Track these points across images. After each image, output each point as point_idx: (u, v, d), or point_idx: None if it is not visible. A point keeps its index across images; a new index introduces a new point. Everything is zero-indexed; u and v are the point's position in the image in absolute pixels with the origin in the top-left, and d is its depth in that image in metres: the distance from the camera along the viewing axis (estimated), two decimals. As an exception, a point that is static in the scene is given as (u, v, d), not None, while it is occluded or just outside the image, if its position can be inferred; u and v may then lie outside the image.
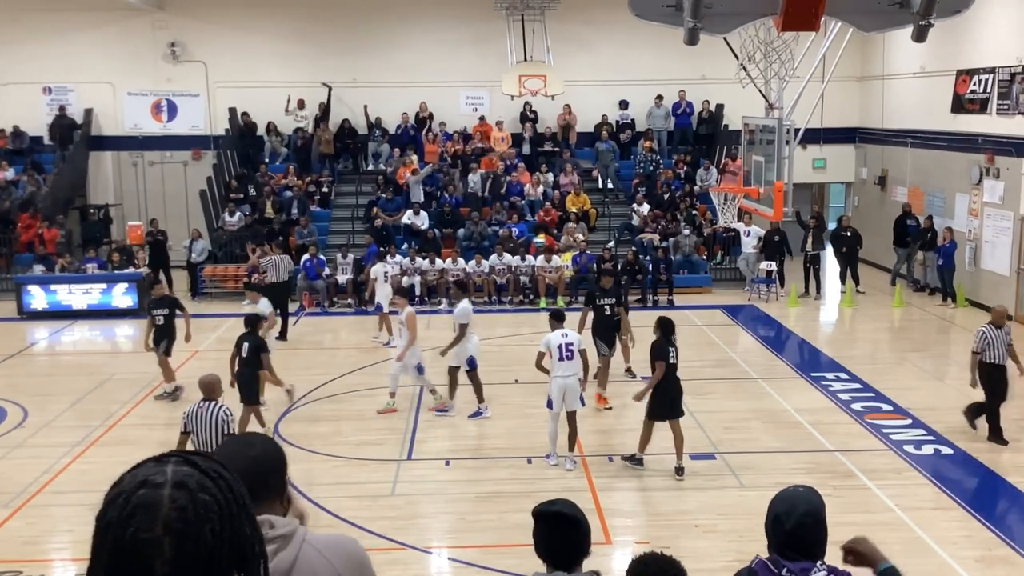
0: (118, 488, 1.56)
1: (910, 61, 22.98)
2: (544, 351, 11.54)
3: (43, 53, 25.51)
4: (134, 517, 1.50)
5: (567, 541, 3.90)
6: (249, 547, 1.60)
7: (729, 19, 11.18)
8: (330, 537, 2.42)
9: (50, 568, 9.19)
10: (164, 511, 1.50)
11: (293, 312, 19.16)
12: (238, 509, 1.58)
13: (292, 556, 2.25)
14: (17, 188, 24.05)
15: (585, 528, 3.95)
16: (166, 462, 1.59)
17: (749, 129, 14.28)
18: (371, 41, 25.88)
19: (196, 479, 1.56)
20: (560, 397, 11.32)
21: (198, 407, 8.90)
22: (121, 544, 1.50)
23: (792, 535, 3.54)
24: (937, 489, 10.79)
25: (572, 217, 23.19)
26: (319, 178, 24.77)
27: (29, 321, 20.07)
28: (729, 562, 8.79)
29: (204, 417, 8.74)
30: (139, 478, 1.55)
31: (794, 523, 3.54)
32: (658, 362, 11.04)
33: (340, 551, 2.38)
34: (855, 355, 17.00)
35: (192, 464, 1.59)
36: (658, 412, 11.13)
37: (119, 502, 1.53)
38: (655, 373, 11.10)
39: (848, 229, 22.37)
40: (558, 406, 11.36)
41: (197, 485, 1.55)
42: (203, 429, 8.70)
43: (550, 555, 3.92)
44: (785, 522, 3.55)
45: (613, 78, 25.80)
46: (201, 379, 9.23)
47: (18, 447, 12.37)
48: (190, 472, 1.57)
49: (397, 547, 9.34)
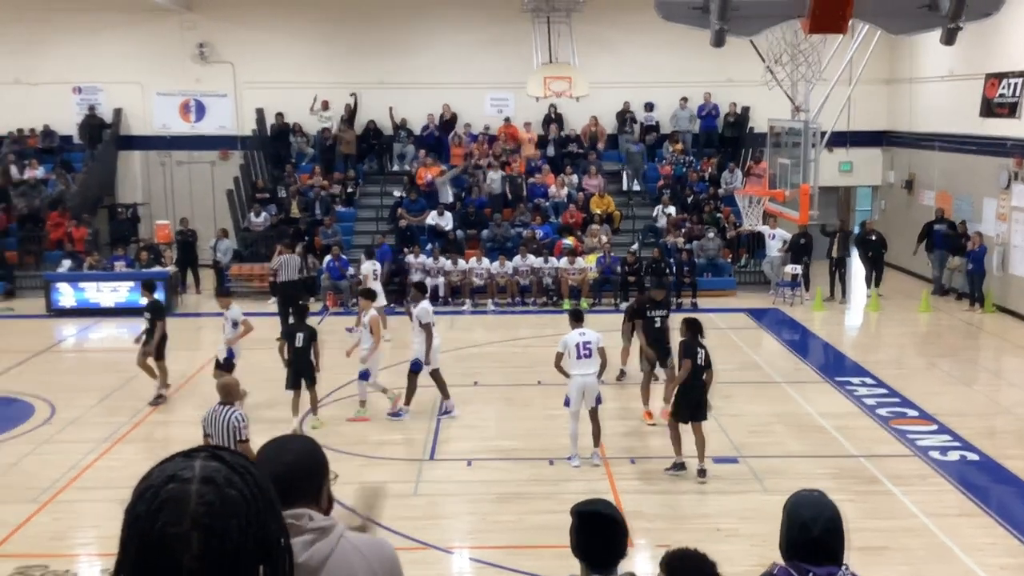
0: (147, 482, 1.58)
1: (938, 64, 22.79)
2: (562, 351, 11.53)
3: (73, 53, 25.79)
4: (162, 512, 1.52)
5: (606, 541, 3.86)
6: (274, 542, 1.62)
7: (756, 21, 11.15)
8: (369, 538, 2.46)
9: (76, 563, 9.28)
10: (192, 506, 1.52)
11: (317, 312, 19.26)
12: (264, 505, 1.60)
13: (328, 549, 2.28)
14: (47, 187, 24.33)
15: (624, 528, 3.91)
16: (195, 457, 1.61)
17: (775, 132, 14.24)
18: (397, 42, 25.96)
19: (223, 474, 1.57)
20: (579, 396, 11.32)
21: (213, 410, 8.83)
22: (149, 538, 1.52)
23: (819, 541, 3.52)
24: (962, 495, 10.69)
25: (596, 219, 23.17)
26: (344, 178, 24.90)
27: (57, 318, 20.28)
28: (751, 566, 8.75)
29: (218, 422, 8.66)
30: (167, 473, 1.57)
31: (821, 528, 3.51)
32: (685, 360, 11.02)
33: (377, 551, 2.42)
34: (881, 360, 16.88)
35: (220, 459, 1.61)
36: (683, 414, 11.11)
37: (147, 496, 1.55)
38: (680, 371, 11.08)
39: (873, 233, 22.21)
40: (576, 404, 11.37)
41: (224, 480, 1.57)
42: (216, 433, 8.64)
43: (587, 555, 3.87)
44: (812, 528, 3.52)
45: (638, 80, 25.75)
46: (219, 382, 9.20)
47: (45, 443, 12.51)
48: (218, 467, 1.59)
49: (419, 546, 9.36)
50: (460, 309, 20.85)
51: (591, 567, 3.85)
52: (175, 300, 21.09)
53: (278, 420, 13.11)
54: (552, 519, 9.83)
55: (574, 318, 11.92)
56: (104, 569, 8.84)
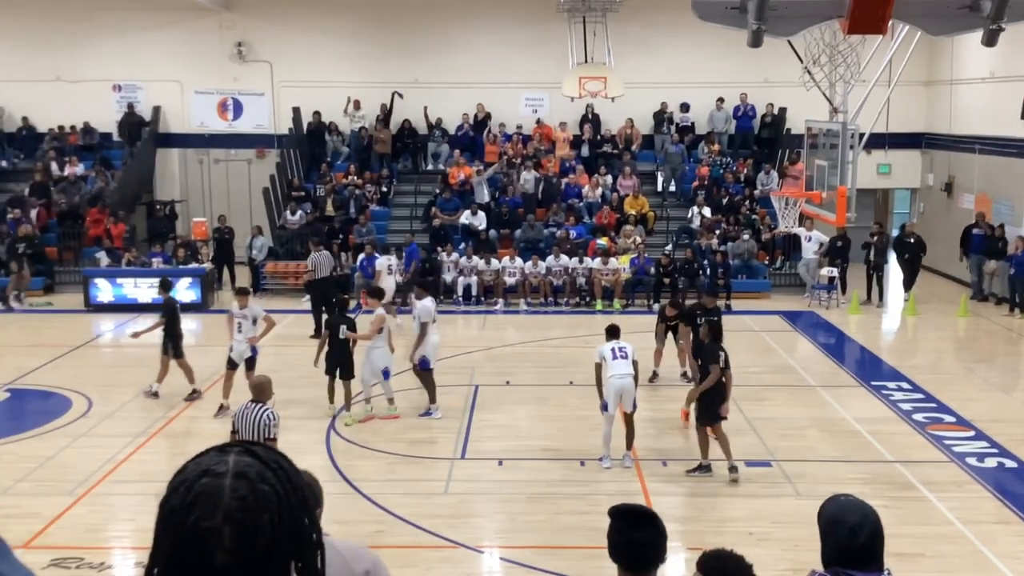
0: (181, 476, 1.59)
1: (979, 66, 22.49)
2: (599, 360, 11.52)
3: (113, 51, 26.13)
4: (195, 505, 1.53)
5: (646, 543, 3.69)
6: (307, 538, 1.62)
7: (794, 21, 11.05)
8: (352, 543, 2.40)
9: (111, 555, 9.39)
10: (225, 500, 1.53)
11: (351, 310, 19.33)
12: (297, 500, 1.60)
13: None
14: (87, 183, 24.65)
15: (664, 531, 3.74)
16: (229, 452, 1.61)
17: (812, 133, 14.11)
18: (433, 42, 26.04)
19: (257, 469, 1.58)
20: (616, 399, 11.29)
21: (245, 407, 8.82)
22: (182, 531, 1.53)
23: (866, 547, 3.46)
24: (999, 503, 10.54)
25: (631, 220, 23.10)
26: (378, 176, 25.00)
27: (95, 313, 20.53)
28: (783, 571, 8.69)
29: (248, 419, 8.64)
30: (202, 467, 1.58)
31: (868, 533, 3.45)
32: (712, 365, 10.98)
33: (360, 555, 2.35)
34: (917, 364, 16.69)
35: (253, 455, 1.61)
36: (708, 417, 11.06)
37: (181, 490, 1.56)
38: (710, 376, 11.03)
39: (912, 236, 21.95)
40: (613, 408, 11.34)
41: (257, 476, 1.57)
42: (246, 430, 8.61)
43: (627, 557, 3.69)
44: (860, 533, 3.45)
45: (674, 80, 25.64)
46: (251, 380, 9.19)
47: (82, 436, 12.66)
48: (251, 463, 1.59)
49: (448, 545, 9.38)
50: (493, 309, 20.87)
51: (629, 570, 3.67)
52: (211, 297, 21.28)
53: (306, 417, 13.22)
54: (582, 520, 9.83)
55: (610, 334, 11.88)
56: (138, 562, 8.94)
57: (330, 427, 12.91)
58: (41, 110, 26.26)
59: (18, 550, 7.30)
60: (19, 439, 12.61)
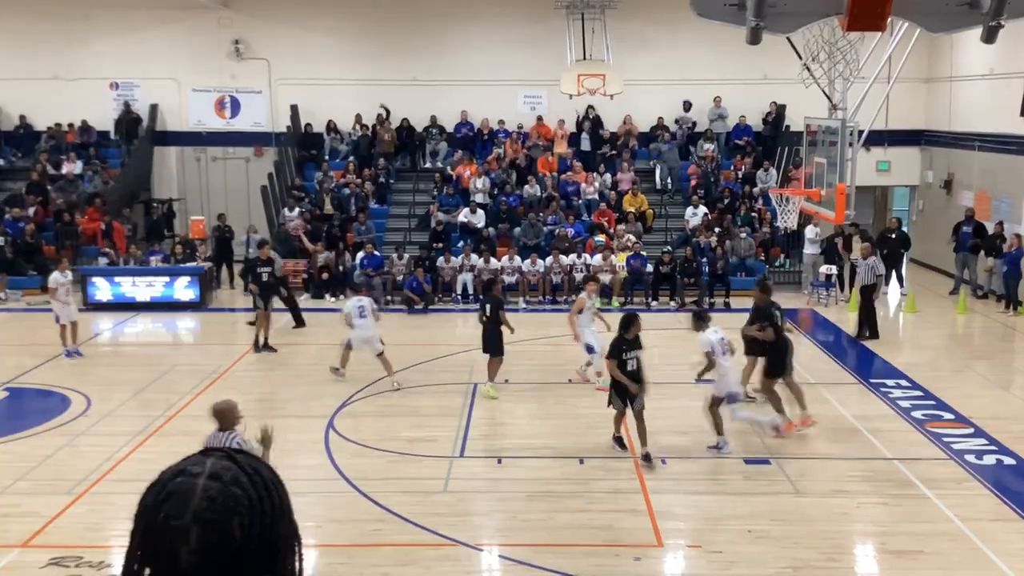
0: (160, 475, 1.61)
1: (979, 63, 22.48)
2: (709, 350, 11.65)
3: (110, 49, 26.09)
4: (167, 503, 1.55)
5: None
6: (281, 548, 1.60)
7: (793, 18, 11.03)
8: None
9: (110, 554, 9.37)
10: (195, 500, 1.53)
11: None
12: (272, 508, 1.58)
13: None
14: (84, 181, 24.61)
15: None
16: (210, 455, 1.62)
17: (811, 130, 14.09)
18: (431, 40, 26.02)
19: (232, 473, 1.58)
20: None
21: (213, 436, 8.27)
22: (152, 528, 1.54)
23: None
24: (998, 500, 10.54)
25: (629, 217, 23.07)
26: (376, 171, 24.97)
27: (94, 312, 20.49)
28: (782, 568, 8.68)
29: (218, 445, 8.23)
30: (179, 467, 1.60)
31: None
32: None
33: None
34: (916, 362, 16.68)
35: (232, 460, 1.61)
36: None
37: (156, 488, 1.58)
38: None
39: (894, 231, 21.91)
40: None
41: (232, 479, 1.57)
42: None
43: None
44: None
45: (672, 77, 25.62)
46: (214, 406, 8.54)
47: (81, 435, 12.65)
48: (228, 466, 1.59)
49: (448, 543, 9.37)
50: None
51: None
52: (209, 295, 21.25)
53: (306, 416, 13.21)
54: (581, 518, 9.82)
55: (701, 319, 12.03)
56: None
57: (329, 426, 12.90)
58: (38, 108, 26.24)
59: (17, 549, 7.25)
60: (18, 438, 12.59)
